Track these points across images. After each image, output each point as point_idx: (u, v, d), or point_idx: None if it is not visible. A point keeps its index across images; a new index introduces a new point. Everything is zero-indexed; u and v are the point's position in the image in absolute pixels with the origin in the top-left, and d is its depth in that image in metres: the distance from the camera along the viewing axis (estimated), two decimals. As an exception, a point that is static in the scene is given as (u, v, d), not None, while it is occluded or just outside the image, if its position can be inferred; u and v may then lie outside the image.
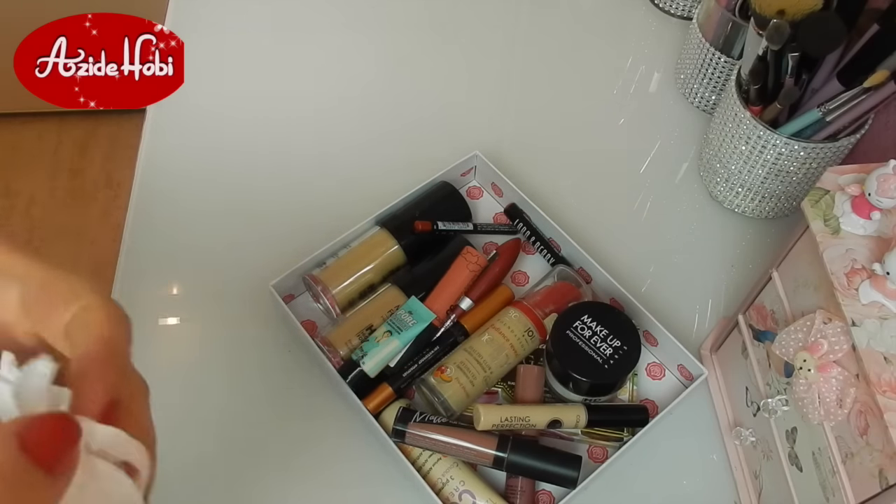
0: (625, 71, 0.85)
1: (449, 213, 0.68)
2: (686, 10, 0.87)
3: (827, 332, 0.43)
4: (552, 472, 0.55)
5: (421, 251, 0.66)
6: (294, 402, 0.63)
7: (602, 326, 0.57)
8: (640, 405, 0.60)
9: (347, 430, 0.61)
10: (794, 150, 0.61)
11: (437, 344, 0.60)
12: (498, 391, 0.61)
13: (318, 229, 0.67)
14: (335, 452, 0.60)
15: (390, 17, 0.89)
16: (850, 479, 0.43)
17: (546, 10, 0.91)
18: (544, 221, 0.67)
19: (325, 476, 0.59)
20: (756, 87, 0.61)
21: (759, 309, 0.54)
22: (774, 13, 0.57)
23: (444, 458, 0.56)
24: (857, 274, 0.42)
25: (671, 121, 0.80)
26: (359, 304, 0.63)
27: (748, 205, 0.70)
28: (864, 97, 0.56)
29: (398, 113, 0.81)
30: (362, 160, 0.77)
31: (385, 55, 0.86)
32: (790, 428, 0.50)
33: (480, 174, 0.73)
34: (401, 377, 0.59)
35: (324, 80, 0.83)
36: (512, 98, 0.84)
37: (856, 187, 0.44)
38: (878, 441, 0.40)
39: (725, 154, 0.68)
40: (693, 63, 0.77)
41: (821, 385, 0.43)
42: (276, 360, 0.64)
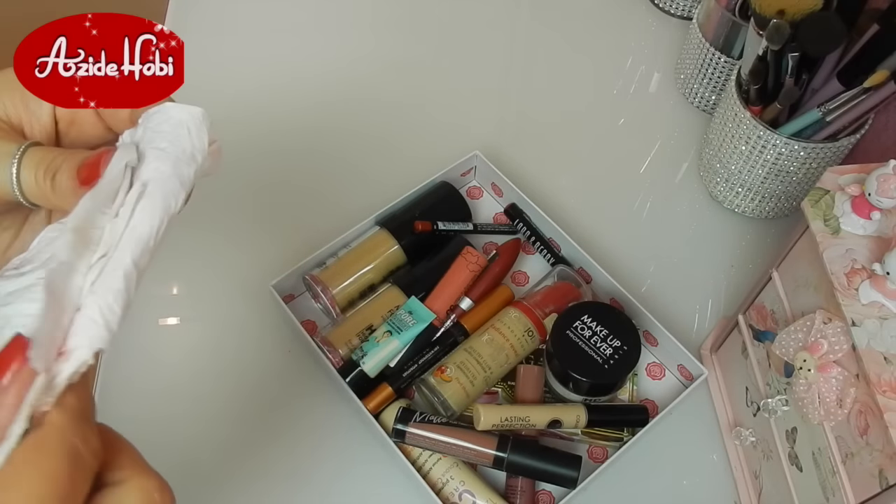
0: (625, 71, 0.85)
1: (449, 213, 0.68)
2: (686, 10, 0.87)
3: (827, 332, 0.43)
4: (552, 472, 0.55)
5: (421, 251, 0.66)
6: (294, 402, 0.63)
7: (602, 326, 0.57)
8: (640, 405, 0.60)
9: (347, 430, 0.61)
10: (794, 150, 0.61)
11: (437, 344, 0.60)
12: (498, 391, 0.61)
13: (318, 229, 0.67)
14: (335, 452, 0.60)
15: (390, 18, 0.89)
16: (850, 479, 0.43)
17: (546, 9, 0.91)
18: (544, 221, 0.67)
19: (324, 476, 0.59)
20: (756, 87, 0.61)
21: (759, 309, 0.54)
22: (774, 13, 0.57)
23: (444, 458, 0.56)
24: (857, 274, 0.42)
25: (671, 121, 0.80)
26: (359, 304, 0.63)
27: (748, 205, 0.70)
28: (864, 97, 0.56)
29: (398, 113, 0.81)
30: (362, 160, 0.77)
31: (385, 55, 0.86)
32: (790, 428, 0.50)
33: (480, 174, 0.73)
34: (401, 377, 0.59)
35: (323, 79, 0.83)
36: (512, 98, 0.84)
37: (856, 187, 0.44)
38: (878, 441, 0.40)
39: (725, 154, 0.68)
40: (693, 63, 0.77)
41: (821, 385, 0.43)
42: (276, 360, 0.64)
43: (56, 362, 0.26)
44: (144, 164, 0.29)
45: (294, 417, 0.62)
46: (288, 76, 0.84)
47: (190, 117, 0.31)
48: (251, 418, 0.62)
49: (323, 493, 0.59)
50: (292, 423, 0.62)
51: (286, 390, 0.63)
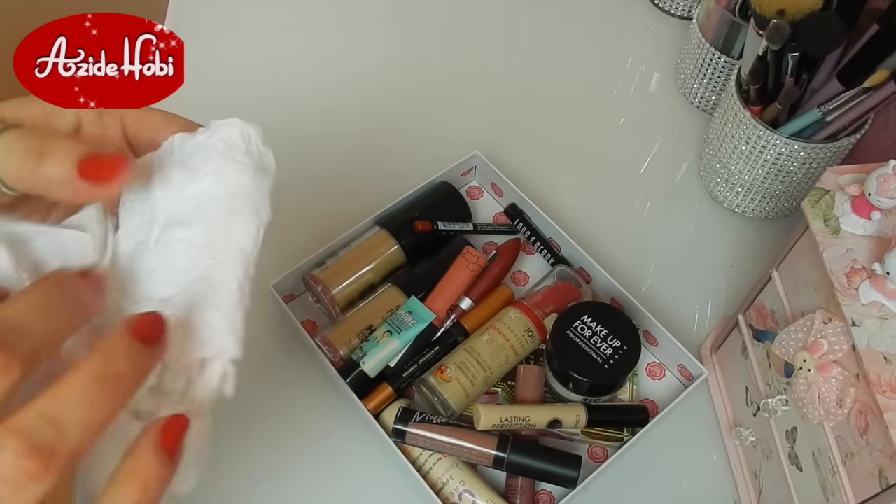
0: (625, 71, 0.85)
1: (449, 213, 0.68)
2: (686, 10, 0.87)
3: (827, 332, 0.43)
4: (552, 472, 0.55)
5: (421, 251, 0.66)
6: (294, 402, 0.63)
7: (602, 326, 0.57)
8: (640, 405, 0.60)
9: (347, 430, 0.61)
10: (794, 150, 0.61)
11: (437, 344, 0.60)
12: (498, 391, 0.61)
13: (318, 229, 0.67)
14: (335, 452, 0.60)
15: (390, 18, 0.89)
16: (850, 479, 0.43)
17: (546, 9, 0.91)
18: (544, 221, 0.67)
19: (324, 476, 0.59)
20: (756, 87, 0.61)
21: (759, 309, 0.54)
22: (774, 13, 0.57)
23: (444, 458, 0.56)
24: (857, 274, 0.42)
25: (671, 121, 0.80)
26: (359, 304, 0.63)
27: (748, 205, 0.70)
28: (864, 97, 0.56)
29: (398, 113, 0.81)
30: (362, 160, 0.77)
31: (385, 55, 0.86)
32: (790, 428, 0.50)
33: (480, 174, 0.73)
34: (401, 377, 0.59)
35: (323, 80, 0.83)
36: (512, 98, 0.84)
37: (856, 187, 0.44)
38: (878, 441, 0.40)
39: (725, 154, 0.68)
40: (693, 63, 0.77)
41: (821, 385, 0.43)
42: (276, 360, 0.64)
43: (188, 372, 0.27)
44: (226, 177, 0.30)
45: (294, 417, 0.62)
46: (287, 77, 0.84)
47: (257, 134, 0.32)
48: (251, 418, 0.62)
49: (322, 493, 0.59)
50: (292, 423, 0.62)
51: (286, 390, 0.63)
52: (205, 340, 0.28)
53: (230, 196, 0.29)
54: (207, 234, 0.29)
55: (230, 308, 0.28)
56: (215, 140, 0.30)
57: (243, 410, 0.62)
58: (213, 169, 0.30)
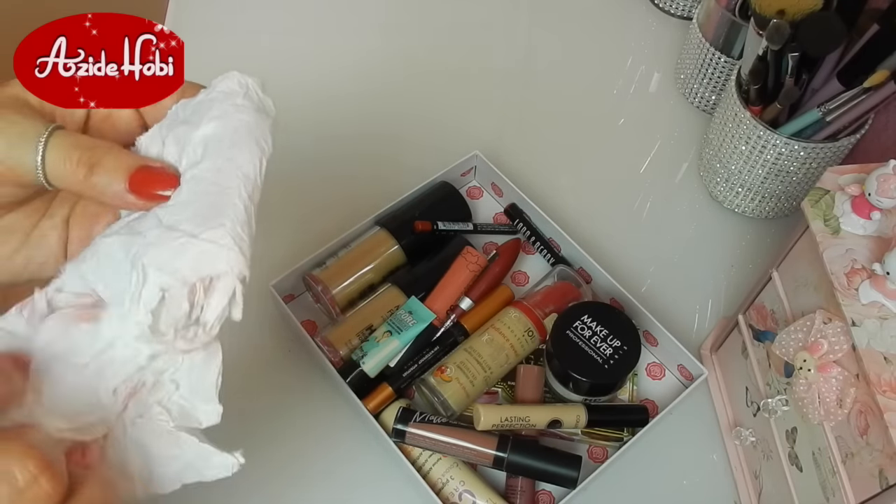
0: (625, 71, 0.85)
1: (449, 213, 0.68)
2: (686, 10, 0.87)
3: (827, 332, 0.43)
4: (552, 472, 0.55)
5: (421, 251, 0.66)
6: (294, 402, 0.62)
7: (602, 326, 0.57)
8: (640, 405, 0.60)
9: (347, 430, 0.61)
10: (794, 150, 0.61)
11: (437, 344, 0.60)
12: (498, 391, 0.61)
13: (318, 229, 0.67)
14: (335, 452, 0.60)
15: (390, 19, 0.89)
16: (850, 479, 0.43)
17: (546, 9, 0.91)
18: (544, 221, 0.67)
19: (324, 476, 0.59)
20: (756, 87, 0.61)
21: (759, 309, 0.54)
22: (774, 13, 0.57)
23: (444, 458, 0.56)
24: (857, 274, 0.42)
25: (671, 121, 0.80)
26: (359, 304, 0.63)
27: (748, 205, 0.70)
28: (864, 97, 0.56)
29: (398, 113, 0.81)
30: (362, 160, 0.77)
31: (385, 56, 0.86)
32: (790, 428, 0.50)
33: (480, 174, 0.73)
34: (401, 377, 0.59)
35: (323, 80, 0.83)
36: (512, 98, 0.84)
37: (856, 187, 0.44)
38: (878, 441, 0.40)
39: (725, 154, 0.68)
40: (693, 63, 0.77)
41: (821, 385, 0.43)
42: (276, 360, 0.64)
43: (195, 295, 0.27)
44: (227, 118, 0.31)
45: (294, 417, 0.62)
46: (287, 77, 0.84)
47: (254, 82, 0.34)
48: (250, 418, 0.62)
49: (322, 493, 0.59)
50: (292, 424, 0.62)
51: (286, 390, 0.63)
52: (213, 258, 0.28)
53: (231, 131, 0.30)
54: (212, 167, 0.30)
55: (236, 226, 0.29)
56: (216, 93, 0.32)
57: (243, 410, 0.62)
58: (214, 115, 0.31)
